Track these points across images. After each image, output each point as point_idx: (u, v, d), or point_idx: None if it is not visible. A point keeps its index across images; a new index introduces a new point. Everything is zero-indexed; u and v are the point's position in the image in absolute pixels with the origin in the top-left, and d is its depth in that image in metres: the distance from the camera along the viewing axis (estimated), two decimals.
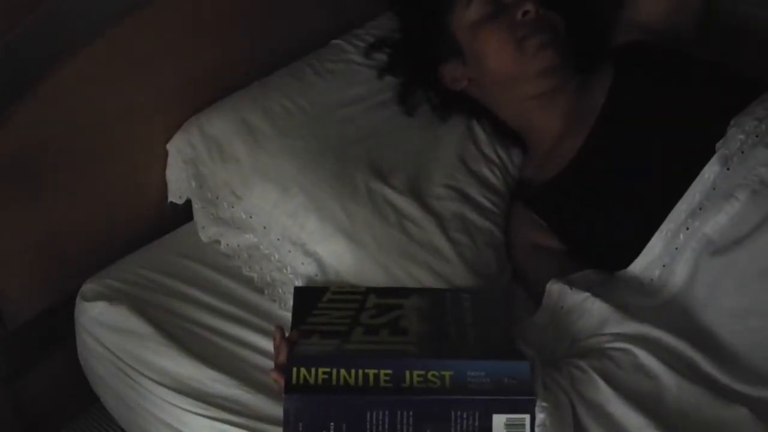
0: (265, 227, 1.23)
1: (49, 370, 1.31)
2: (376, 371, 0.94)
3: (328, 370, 0.94)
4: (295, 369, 0.93)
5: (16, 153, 1.11)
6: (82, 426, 1.42)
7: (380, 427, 0.93)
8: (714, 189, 1.08)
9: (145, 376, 1.13)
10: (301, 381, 0.93)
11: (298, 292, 1.16)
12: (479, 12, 1.30)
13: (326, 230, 1.20)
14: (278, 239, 1.22)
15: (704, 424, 0.96)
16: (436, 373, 0.94)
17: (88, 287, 1.21)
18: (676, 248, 1.08)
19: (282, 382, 0.95)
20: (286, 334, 1.04)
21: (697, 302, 1.06)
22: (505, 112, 1.35)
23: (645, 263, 1.11)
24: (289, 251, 1.21)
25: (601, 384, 0.98)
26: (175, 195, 1.32)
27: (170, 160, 1.31)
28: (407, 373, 0.94)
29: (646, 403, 0.97)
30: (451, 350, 1.02)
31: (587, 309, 1.08)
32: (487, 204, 1.27)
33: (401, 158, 1.29)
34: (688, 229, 1.08)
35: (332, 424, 0.93)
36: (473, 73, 1.34)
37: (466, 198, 1.26)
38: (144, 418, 1.16)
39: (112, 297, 1.19)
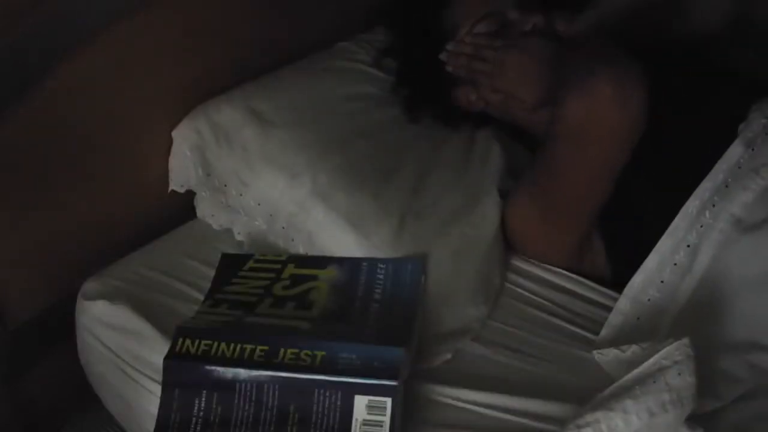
0: (271, 215, 1.23)
1: (49, 370, 1.30)
2: (253, 346, 1.01)
3: (209, 342, 1.02)
4: (180, 339, 1.03)
5: (15, 152, 1.11)
6: (82, 426, 1.42)
7: (248, 398, 0.99)
8: (739, 168, 1.09)
9: (146, 376, 1.13)
10: (184, 350, 1.02)
11: (224, 258, 1.22)
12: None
13: (332, 220, 1.19)
14: (283, 227, 1.22)
15: None
16: (309, 353, 1.00)
17: (89, 286, 1.21)
18: (702, 226, 1.08)
19: None
20: None
21: (721, 279, 1.05)
22: (528, 124, 1.34)
23: (670, 244, 1.10)
24: (293, 240, 1.21)
25: None
26: (178, 184, 1.30)
27: (175, 147, 1.29)
28: (282, 350, 1.01)
29: None
30: (340, 332, 1.06)
31: None
32: (498, 198, 1.26)
33: (408, 153, 1.30)
34: (714, 206, 1.08)
35: (204, 391, 1.00)
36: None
37: (474, 193, 1.26)
38: (144, 417, 1.15)
39: (113, 296, 1.19)
